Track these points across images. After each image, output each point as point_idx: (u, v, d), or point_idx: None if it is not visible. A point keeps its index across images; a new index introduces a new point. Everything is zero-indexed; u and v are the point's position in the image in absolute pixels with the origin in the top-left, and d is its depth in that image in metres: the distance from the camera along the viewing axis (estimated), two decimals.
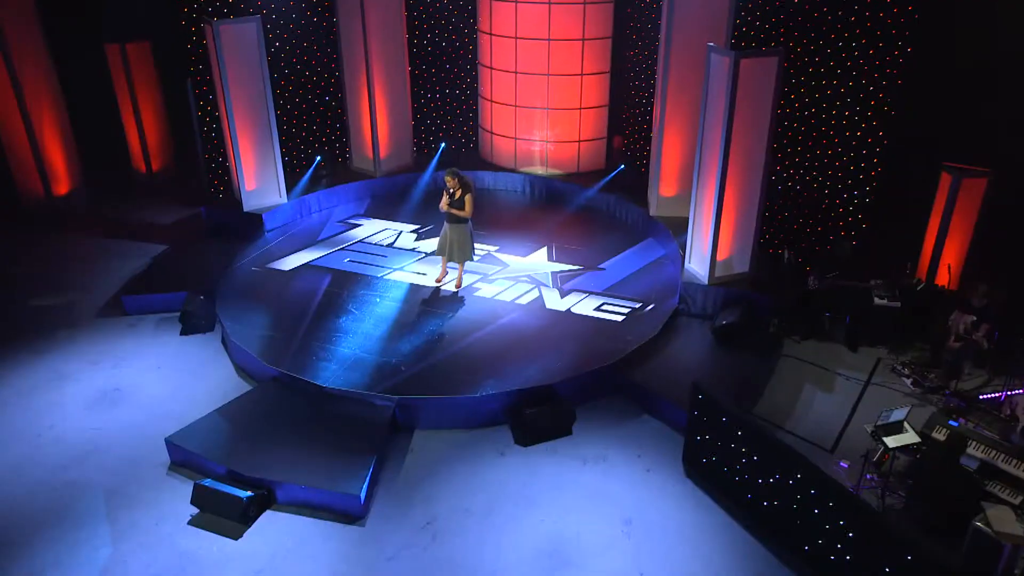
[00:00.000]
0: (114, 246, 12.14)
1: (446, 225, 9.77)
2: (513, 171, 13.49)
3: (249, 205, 11.71)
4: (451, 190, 9.51)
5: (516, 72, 12.73)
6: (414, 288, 10.16)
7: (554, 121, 12.90)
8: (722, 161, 8.82)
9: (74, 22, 13.55)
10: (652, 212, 11.57)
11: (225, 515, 6.73)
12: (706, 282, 9.54)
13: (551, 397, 8.06)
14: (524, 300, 9.84)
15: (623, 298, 9.86)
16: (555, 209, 12.81)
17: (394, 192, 13.15)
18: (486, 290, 10.10)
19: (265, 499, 6.92)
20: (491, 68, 13.12)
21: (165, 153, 14.64)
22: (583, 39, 12.27)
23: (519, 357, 8.60)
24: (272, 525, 6.82)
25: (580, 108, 12.80)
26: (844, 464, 7.44)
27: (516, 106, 12.99)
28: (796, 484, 6.27)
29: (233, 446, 7.36)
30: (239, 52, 10.75)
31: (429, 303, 9.78)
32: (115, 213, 13.33)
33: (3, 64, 12.23)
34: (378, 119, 12.77)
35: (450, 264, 10.15)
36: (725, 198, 9.07)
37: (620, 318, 9.41)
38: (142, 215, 13.21)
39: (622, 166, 12.67)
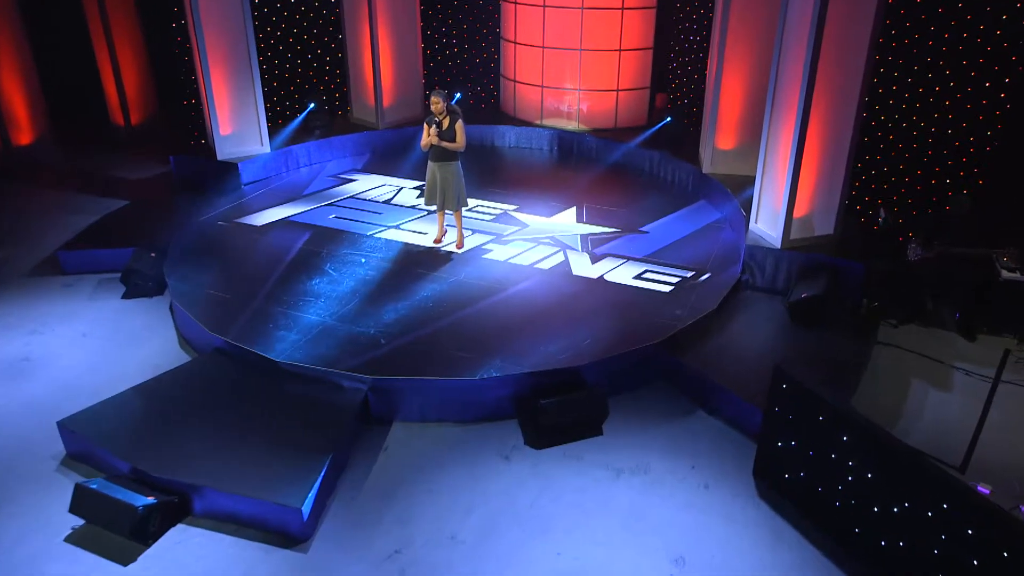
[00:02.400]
0: (72, 200, 10.39)
1: (431, 165, 7.79)
2: (539, 126, 11.50)
3: (224, 153, 9.89)
4: (437, 117, 7.54)
5: (544, 5, 10.74)
6: (408, 248, 8.23)
7: (588, 65, 10.87)
8: (804, 94, 6.74)
9: None
10: (706, 168, 9.50)
11: (116, 530, 4.84)
12: (778, 245, 7.45)
13: (576, 384, 6.06)
14: (546, 265, 7.85)
15: (670, 265, 7.81)
16: (586, 167, 10.81)
17: (399, 145, 11.23)
18: (499, 252, 8.13)
19: (175, 509, 5.02)
20: (515, 3, 11.15)
21: (146, 103, 12.89)
22: None
23: (536, 333, 6.61)
24: (181, 546, 4.90)
25: (619, 50, 10.77)
26: (984, 489, 5.31)
27: (543, 47, 11.00)
28: (940, 519, 4.18)
29: (144, 436, 5.47)
30: None
31: (424, 265, 7.83)
32: (81, 166, 11.61)
33: None
34: (381, 63, 10.89)
35: (448, 217, 8.23)
36: (806, 140, 6.98)
37: (667, 288, 7.37)
38: (113, 169, 11.46)
39: (669, 118, 10.58)
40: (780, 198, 7.33)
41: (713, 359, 6.42)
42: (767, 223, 7.62)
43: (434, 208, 8.12)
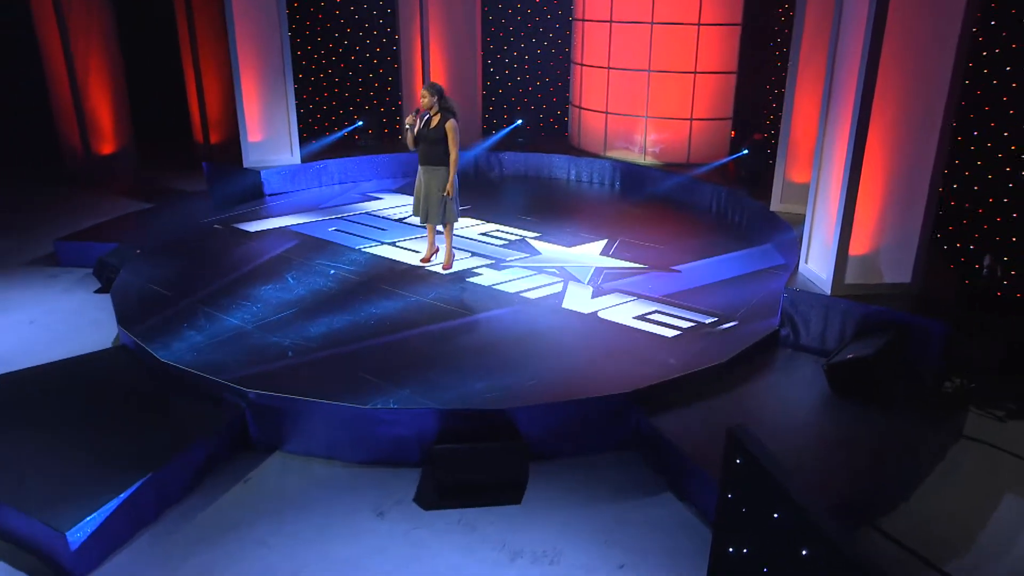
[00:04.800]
0: (121, 205, 10.34)
1: (419, 171, 6.73)
2: (600, 157, 10.20)
3: (250, 160, 9.43)
4: (425, 111, 6.49)
5: (611, 21, 9.58)
6: (388, 265, 7.16)
7: (657, 90, 9.52)
8: (860, 98, 5.06)
9: None
10: (775, 205, 7.77)
11: None
12: (828, 291, 5.64)
13: (501, 433, 4.63)
14: (535, 294, 6.48)
15: (689, 308, 6.18)
16: (639, 201, 9.39)
17: None
18: (488, 277, 6.87)
19: None
20: (583, 20, 10.08)
21: (228, 125, 12.92)
22: None
23: (473, 366, 5.24)
24: None
25: (694, 72, 9.34)
26: None
27: (608, 68, 9.79)
28: None
29: None
30: None
31: (391, 283, 6.70)
32: (153, 178, 11.68)
33: (51, 5, 11.16)
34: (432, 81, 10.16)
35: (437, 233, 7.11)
36: (868, 154, 5.24)
37: (672, 334, 5.75)
38: (181, 184, 11.43)
39: (746, 150, 8.92)
40: (831, 228, 5.56)
41: (700, 429, 4.72)
42: (818, 263, 5.83)
43: (425, 222, 7.04)
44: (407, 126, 6.54)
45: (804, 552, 2.97)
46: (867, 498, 4.34)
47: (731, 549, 3.50)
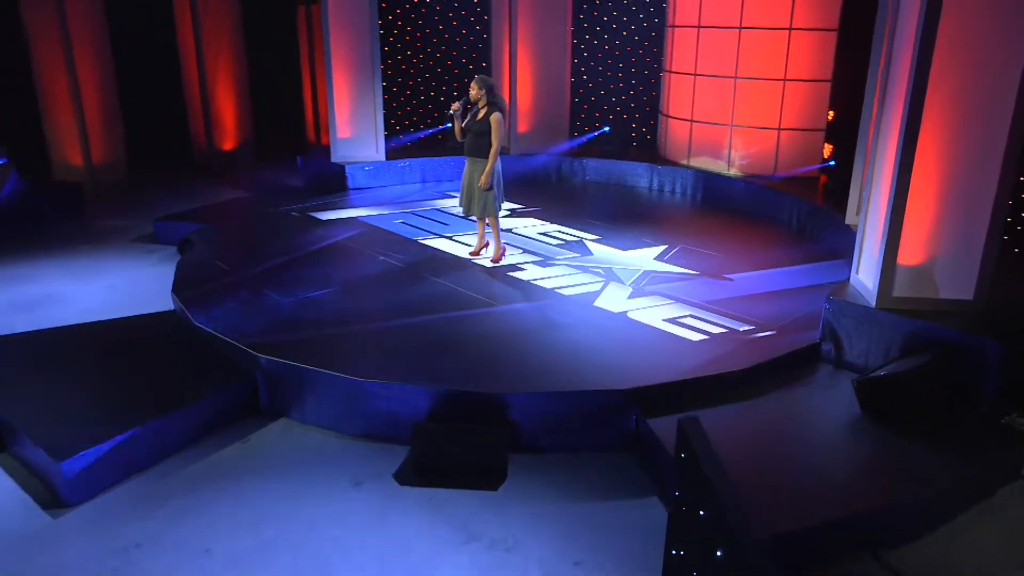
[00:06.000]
0: (226, 193, 11.15)
1: (466, 162, 6.78)
2: (683, 165, 9.87)
3: (337, 155, 9.89)
4: (472, 103, 6.55)
5: (698, 27, 9.29)
6: (438, 255, 7.26)
7: (744, 98, 9.10)
8: (913, 76, 4.60)
9: None
10: (850, 218, 7.20)
11: None
12: (872, 303, 5.14)
13: (489, 418, 4.56)
14: (570, 291, 6.35)
15: (728, 316, 5.83)
16: (716, 210, 9.03)
17: (528, 172, 10.41)
18: (532, 272, 6.80)
19: None
20: (673, 27, 9.84)
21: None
22: None
23: (483, 351, 5.20)
24: None
25: (784, 80, 8.85)
26: None
27: (695, 75, 9.48)
28: None
29: (15, 364, 5.18)
30: None
31: (432, 271, 6.78)
32: (263, 169, 12.53)
33: (188, 10, 12.29)
34: (519, 85, 10.25)
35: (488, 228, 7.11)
36: (921, 151, 4.74)
37: (699, 338, 5.44)
38: (287, 175, 12.20)
39: (832, 161, 8.32)
40: (879, 234, 5.07)
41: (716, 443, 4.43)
42: (867, 273, 5.33)
43: (473, 214, 7.07)
44: (451, 112, 6.64)
45: (718, 554, 2.71)
46: (879, 524, 3.90)
47: (674, 551, 3.26)
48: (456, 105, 6.60)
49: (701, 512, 2.88)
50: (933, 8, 4.48)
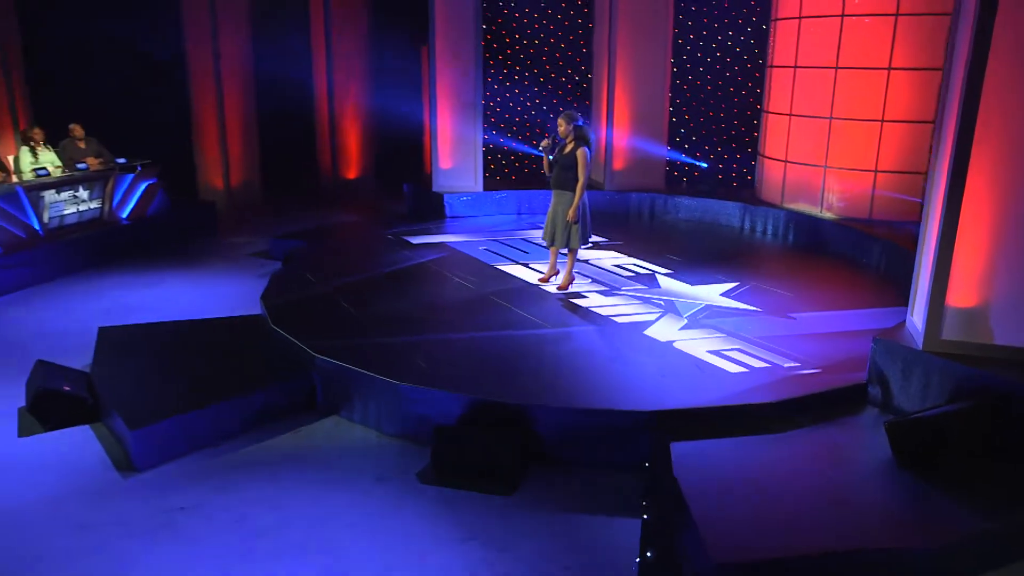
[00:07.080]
0: (340, 216, 12.08)
1: (552, 196, 7.07)
2: (776, 206, 9.70)
3: (438, 185, 10.53)
4: (560, 138, 6.85)
5: (795, 67, 9.19)
6: (509, 279, 7.59)
7: (838, 137, 8.87)
8: (963, 98, 4.47)
9: (398, 22, 14.44)
10: None
11: (32, 406, 5.33)
12: (919, 345, 4.92)
13: (508, 426, 4.80)
14: (625, 319, 6.47)
15: (774, 351, 5.75)
16: (802, 252, 8.83)
17: (619, 209, 10.61)
18: (593, 300, 6.98)
19: (84, 409, 5.32)
20: (772, 66, 9.77)
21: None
22: (896, 14, 8.22)
23: (520, 366, 5.46)
24: (63, 436, 5.18)
25: (881, 120, 8.56)
26: None
27: (791, 115, 9.35)
28: None
29: (129, 353, 5.99)
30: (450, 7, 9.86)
31: (498, 294, 7.11)
32: (381, 197, 13.47)
33: (324, 52, 13.56)
34: (615, 122, 10.51)
35: (561, 256, 7.35)
36: (973, 183, 4.56)
37: (737, 370, 5.42)
38: (397, 205, 13.07)
39: None
40: (928, 274, 4.88)
41: (709, 464, 4.43)
42: (919, 314, 5.11)
43: (550, 244, 7.33)
44: (541, 149, 7.00)
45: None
46: (881, 560, 3.76)
47: (642, 557, 3.35)
48: (546, 141, 6.95)
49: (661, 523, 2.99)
50: (986, 19, 4.37)
